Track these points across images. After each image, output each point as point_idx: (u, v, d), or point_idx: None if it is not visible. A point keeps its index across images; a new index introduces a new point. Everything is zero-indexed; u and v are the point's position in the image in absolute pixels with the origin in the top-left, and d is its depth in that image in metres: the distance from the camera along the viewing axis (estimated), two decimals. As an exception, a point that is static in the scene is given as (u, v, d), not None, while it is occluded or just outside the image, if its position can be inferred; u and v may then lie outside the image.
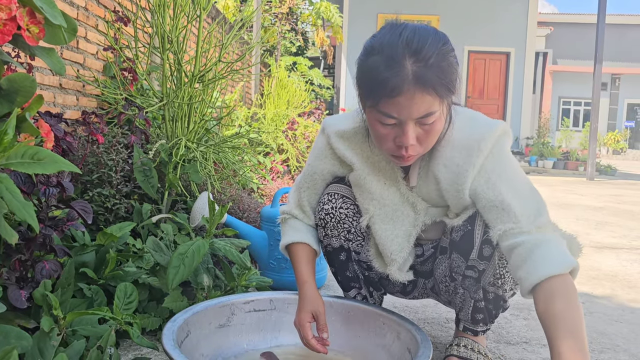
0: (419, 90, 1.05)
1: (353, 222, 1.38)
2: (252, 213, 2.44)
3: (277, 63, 6.37)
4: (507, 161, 1.20)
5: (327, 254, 1.44)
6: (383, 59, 1.07)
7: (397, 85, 1.05)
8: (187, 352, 1.11)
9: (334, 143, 1.34)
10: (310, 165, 1.41)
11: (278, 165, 4.20)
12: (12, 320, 1.15)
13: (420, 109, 1.07)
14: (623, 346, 1.63)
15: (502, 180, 1.17)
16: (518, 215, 1.13)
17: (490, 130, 1.19)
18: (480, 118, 1.25)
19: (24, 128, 0.94)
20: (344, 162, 1.35)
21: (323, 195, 1.39)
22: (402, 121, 1.10)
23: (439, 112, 1.10)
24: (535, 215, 1.14)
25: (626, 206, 5.51)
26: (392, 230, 1.31)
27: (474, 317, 1.34)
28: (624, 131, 21.16)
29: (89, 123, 1.81)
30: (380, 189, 1.32)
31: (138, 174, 1.88)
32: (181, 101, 2.11)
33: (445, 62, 1.08)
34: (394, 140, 1.14)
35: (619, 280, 2.46)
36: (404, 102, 1.06)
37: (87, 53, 2.46)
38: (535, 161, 12.15)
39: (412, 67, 1.05)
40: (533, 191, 1.19)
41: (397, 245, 1.31)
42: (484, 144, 1.17)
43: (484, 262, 1.25)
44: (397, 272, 1.33)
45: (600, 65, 9.14)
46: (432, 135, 1.14)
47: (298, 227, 1.41)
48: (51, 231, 1.19)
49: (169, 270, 1.40)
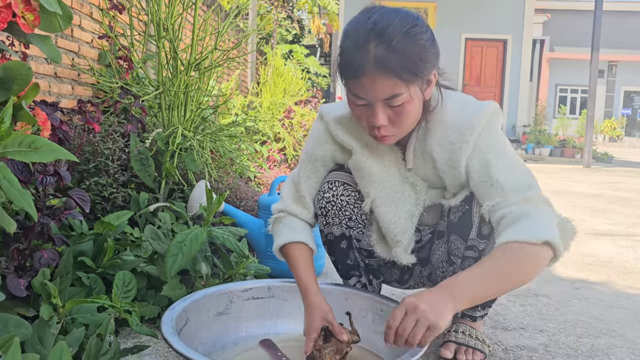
0: (380, 73, 1.08)
1: (354, 209, 1.38)
2: (250, 202, 2.44)
3: (273, 51, 6.33)
4: (498, 139, 1.22)
5: (327, 242, 1.44)
6: (351, 42, 1.11)
7: (360, 68, 1.08)
8: (186, 340, 1.12)
9: (333, 129, 1.34)
10: (309, 152, 1.39)
11: (275, 154, 4.20)
12: (12, 309, 1.15)
13: (384, 91, 1.10)
14: (619, 331, 1.64)
15: (493, 157, 1.19)
16: (506, 189, 1.15)
17: (482, 110, 1.21)
18: (472, 100, 1.28)
19: (20, 116, 0.93)
20: (344, 147, 1.35)
21: (323, 184, 1.39)
22: (370, 102, 1.13)
23: (407, 94, 1.11)
24: (524, 189, 1.15)
25: (622, 193, 5.53)
26: (395, 212, 1.32)
27: None
28: (621, 119, 21.18)
29: (85, 112, 1.80)
30: (380, 172, 1.32)
31: (135, 162, 1.88)
32: (177, 89, 2.10)
33: (411, 44, 1.09)
34: (367, 120, 1.17)
35: (614, 267, 2.48)
36: (367, 84, 1.09)
37: (82, 41, 2.45)
38: (532, 149, 12.16)
39: (375, 50, 1.07)
40: (523, 168, 1.21)
41: (400, 226, 1.32)
42: (476, 123, 1.19)
43: (484, 240, 1.27)
44: (402, 253, 1.34)
45: (597, 52, 9.12)
46: (404, 116, 1.15)
47: (294, 226, 1.37)
48: (49, 220, 1.19)
49: (167, 259, 1.40)
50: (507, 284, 1.09)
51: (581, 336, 1.59)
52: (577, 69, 19.89)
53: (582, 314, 1.79)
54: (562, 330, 1.63)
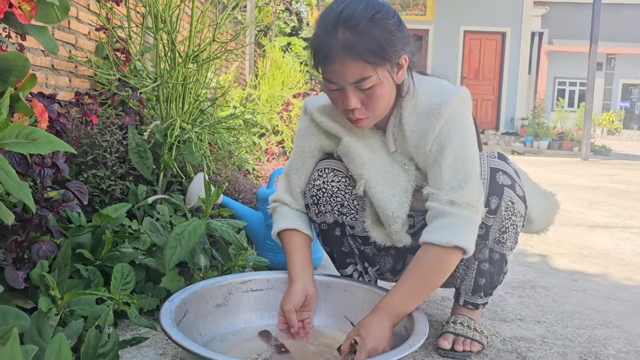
0: (348, 58, 1.13)
1: (345, 194, 1.40)
2: (248, 194, 2.44)
3: (271, 44, 6.31)
4: (461, 128, 1.24)
5: (321, 233, 1.45)
6: (321, 29, 1.17)
7: (329, 53, 1.14)
8: (185, 331, 1.12)
9: (318, 118, 1.38)
10: (297, 146, 1.44)
11: (273, 146, 4.19)
12: (10, 301, 1.15)
13: (353, 75, 1.15)
14: (616, 322, 1.65)
15: (449, 144, 1.22)
16: (443, 183, 1.21)
17: (452, 96, 1.24)
18: (445, 85, 1.30)
19: (17, 108, 0.93)
20: (331, 135, 1.39)
21: (313, 173, 1.41)
22: (342, 86, 1.18)
23: (376, 77, 1.16)
24: (457, 188, 1.20)
25: (620, 186, 5.54)
26: (389, 190, 1.33)
27: (477, 283, 1.37)
28: (619, 111, 21.20)
29: (83, 104, 1.79)
30: (369, 154, 1.35)
31: (133, 155, 1.88)
32: (175, 82, 2.09)
33: (377, 29, 1.14)
34: (341, 104, 1.22)
35: (612, 259, 2.48)
36: (337, 68, 1.15)
37: (79, 33, 2.43)
38: (530, 142, 12.16)
39: (342, 35, 1.13)
40: (471, 164, 1.23)
41: (396, 203, 1.33)
42: (444, 109, 1.22)
43: (492, 216, 1.30)
44: (400, 231, 1.34)
45: (595, 45, 9.11)
46: (375, 99, 1.20)
47: (286, 214, 1.42)
48: (47, 212, 1.19)
49: (165, 251, 1.40)
50: (429, 289, 1.24)
51: (578, 327, 1.59)
52: (576, 62, 19.87)
53: (580, 305, 1.80)
54: (560, 321, 1.64)
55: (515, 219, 1.32)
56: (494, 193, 1.29)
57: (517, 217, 1.32)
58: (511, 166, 1.34)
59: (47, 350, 0.89)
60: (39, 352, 0.94)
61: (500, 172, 1.30)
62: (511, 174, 1.32)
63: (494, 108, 13.37)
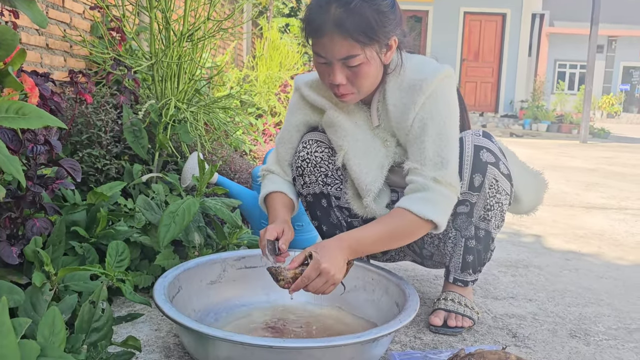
0: (337, 34, 1.15)
1: (329, 165, 1.42)
2: (244, 174, 2.45)
3: (269, 24, 6.26)
4: (443, 106, 1.26)
5: (308, 206, 1.48)
6: (315, 3, 1.20)
7: (320, 27, 1.17)
8: (179, 307, 1.13)
9: (305, 92, 1.41)
10: (286, 120, 1.49)
11: (270, 127, 4.18)
12: (4, 277, 1.16)
13: (341, 52, 1.17)
14: (607, 300, 1.67)
15: (432, 122, 1.24)
16: (426, 159, 1.24)
17: (434, 73, 1.25)
18: (430, 62, 1.32)
19: (7, 82, 0.93)
20: (317, 109, 1.41)
21: (298, 145, 1.44)
22: (329, 61, 1.20)
23: (363, 56, 1.19)
24: (439, 166, 1.22)
25: (617, 168, 5.55)
26: (366, 163, 1.35)
27: (465, 260, 1.38)
28: (619, 94, 21.11)
29: (77, 82, 1.79)
30: (352, 127, 1.36)
31: (128, 134, 1.87)
32: (170, 60, 2.08)
33: (369, 9, 1.16)
34: (328, 78, 1.24)
35: (606, 239, 2.50)
36: (327, 43, 1.18)
37: (74, 12, 2.41)
38: (529, 124, 12.14)
39: (335, 11, 1.15)
40: (452, 143, 1.25)
41: (371, 177, 1.35)
42: (425, 85, 1.24)
43: (476, 193, 1.31)
44: (372, 203, 1.35)
45: (596, 26, 9.05)
46: (361, 77, 1.22)
47: (275, 180, 1.47)
48: (40, 189, 1.19)
49: (160, 229, 1.41)
50: (390, 246, 1.25)
51: (570, 305, 1.61)
52: (577, 44, 19.71)
53: (572, 284, 1.82)
54: (551, 299, 1.66)
55: (500, 197, 1.33)
56: (477, 170, 1.30)
57: (502, 194, 1.33)
58: (496, 144, 1.35)
59: (41, 323, 0.91)
60: (33, 325, 0.95)
61: (484, 150, 1.31)
62: (495, 152, 1.32)
63: (493, 90, 13.32)
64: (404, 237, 1.24)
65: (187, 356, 1.17)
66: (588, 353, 1.29)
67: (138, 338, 1.12)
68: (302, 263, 1.16)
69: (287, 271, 1.15)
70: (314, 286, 1.13)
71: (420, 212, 1.20)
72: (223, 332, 1.00)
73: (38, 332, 0.90)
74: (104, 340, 1.04)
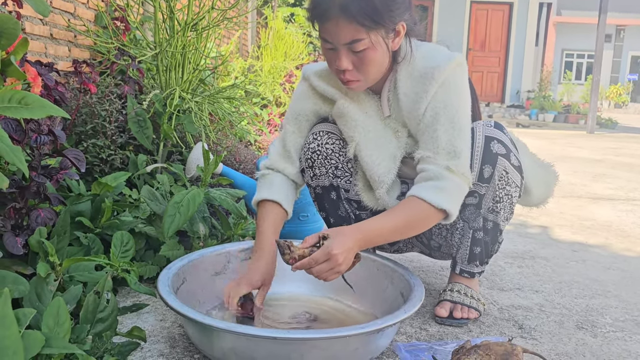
0: (342, 18, 1.14)
1: (340, 157, 1.40)
2: (249, 164, 2.44)
3: (274, 14, 6.22)
4: (455, 95, 1.24)
5: (316, 197, 1.46)
6: None
7: (326, 11, 1.16)
8: (183, 299, 1.13)
9: (314, 82, 1.39)
10: (293, 109, 1.44)
11: (276, 117, 4.17)
12: (9, 267, 1.16)
13: (346, 36, 1.16)
14: (614, 292, 1.65)
15: (444, 111, 1.23)
16: (439, 147, 1.22)
17: (446, 61, 1.24)
18: (441, 50, 1.30)
19: (9, 72, 0.92)
20: (326, 99, 1.39)
21: (308, 136, 1.41)
22: (335, 46, 1.19)
23: (368, 41, 1.17)
24: (452, 155, 1.21)
25: (624, 159, 5.50)
26: (378, 154, 1.33)
27: (472, 252, 1.37)
28: (627, 84, 20.91)
29: (81, 72, 1.78)
30: (363, 118, 1.34)
31: (132, 124, 1.87)
32: (174, 50, 2.07)
33: None
34: (334, 64, 1.23)
35: (613, 230, 2.48)
36: (332, 27, 1.16)
37: (78, 2, 2.40)
38: (536, 114, 12.05)
39: None
40: (465, 133, 1.24)
41: (383, 168, 1.33)
42: (438, 73, 1.23)
43: (485, 184, 1.30)
44: (385, 195, 1.34)
45: (604, 15, 8.95)
46: (367, 63, 1.21)
47: (273, 182, 1.38)
48: (44, 179, 1.19)
49: (164, 219, 1.41)
50: (405, 235, 1.22)
51: (576, 297, 1.60)
52: (585, 34, 19.51)
53: (579, 275, 1.80)
54: (558, 290, 1.64)
55: (509, 189, 1.32)
56: (487, 162, 1.29)
57: (511, 187, 1.32)
58: (507, 136, 1.33)
59: (45, 313, 0.91)
60: (38, 315, 0.95)
61: (495, 141, 1.29)
62: (507, 143, 1.30)
63: (499, 80, 13.22)
64: (417, 227, 1.22)
65: (192, 347, 1.17)
66: (595, 345, 1.28)
67: (143, 328, 1.12)
68: (314, 244, 1.13)
69: (297, 249, 1.13)
70: (319, 270, 1.11)
71: (433, 201, 1.18)
72: (227, 324, 1.00)
73: (43, 323, 0.90)
74: (109, 331, 1.04)
